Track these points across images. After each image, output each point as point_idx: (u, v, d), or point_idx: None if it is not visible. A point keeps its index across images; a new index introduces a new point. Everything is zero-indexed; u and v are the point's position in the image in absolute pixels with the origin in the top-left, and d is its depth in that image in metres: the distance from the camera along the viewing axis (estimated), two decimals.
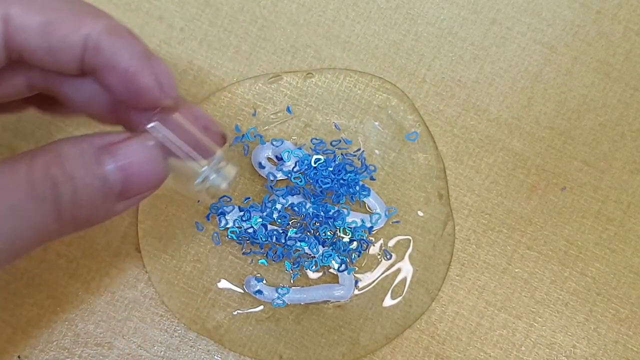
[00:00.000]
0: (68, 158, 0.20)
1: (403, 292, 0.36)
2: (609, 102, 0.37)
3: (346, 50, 0.38)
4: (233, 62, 0.37)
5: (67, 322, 0.36)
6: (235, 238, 0.36)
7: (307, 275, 0.36)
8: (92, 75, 0.22)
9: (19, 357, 0.36)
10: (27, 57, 0.21)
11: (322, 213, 0.35)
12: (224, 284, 0.36)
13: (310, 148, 0.36)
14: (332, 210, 0.36)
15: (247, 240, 0.36)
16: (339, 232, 0.36)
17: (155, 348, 0.36)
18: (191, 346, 0.36)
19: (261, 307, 0.36)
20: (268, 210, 0.36)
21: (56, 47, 0.20)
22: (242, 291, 0.36)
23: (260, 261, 0.36)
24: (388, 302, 0.36)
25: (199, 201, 0.36)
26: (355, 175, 0.36)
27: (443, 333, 0.36)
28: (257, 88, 0.37)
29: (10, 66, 0.21)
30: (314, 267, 0.36)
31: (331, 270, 0.36)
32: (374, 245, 0.36)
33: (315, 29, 0.38)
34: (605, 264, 0.37)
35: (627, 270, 0.36)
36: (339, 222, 0.36)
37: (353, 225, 0.36)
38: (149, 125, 0.21)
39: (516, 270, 0.36)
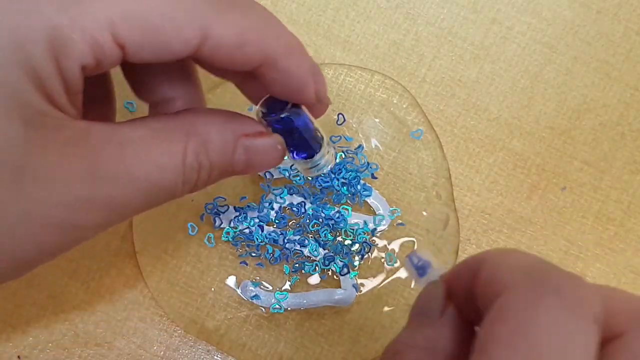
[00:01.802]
0: (213, 147, 0.23)
1: (407, 295, 0.36)
2: (609, 102, 0.37)
3: (346, 50, 0.37)
4: None
5: (67, 322, 0.36)
6: (230, 239, 0.35)
7: (307, 279, 0.36)
8: (255, 76, 0.24)
9: (18, 357, 0.36)
10: (203, 62, 0.23)
11: (322, 214, 0.35)
12: (224, 284, 0.36)
13: None
14: (333, 211, 0.35)
15: (243, 241, 0.36)
16: (341, 234, 0.36)
17: (155, 348, 0.36)
18: (191, 346, 0.36)
19: (261, 308, 0.36)
20: (265, 210, 0.35)
21: (237, 62, 0.22)
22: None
23: (257, 264, 0.36)
24: (391, 306, 0.36)
25: (192, 200, 0.36)
26: (356, 173, 0.35)
27: None
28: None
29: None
30: (314, 270, 0.35)
31: (330, 272, 0.36)
32: (377, 248, 0.36)
33: (315, 29, 0.38)
34: (605, 264, 0.36)
35: (627, 270, 0.36)
36: (341, 223, 0.35)
37: (355, 227, 0.35)
38: (282, 115, 0.24)
39: None
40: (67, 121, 0.20)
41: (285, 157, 0.35)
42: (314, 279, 0.36)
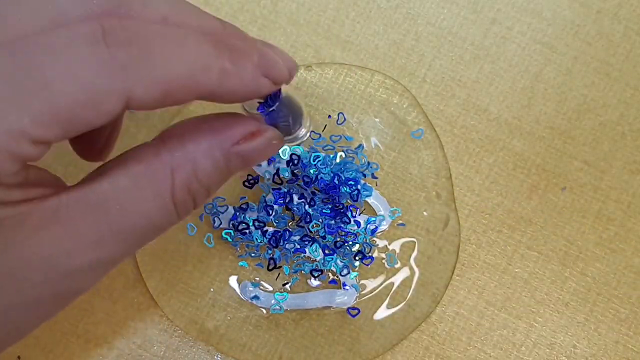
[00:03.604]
0: (204, 172, 0.22)
1: (407, 296, 0.36)
2: (609, 102, 0.37)
3: (346, 50, 0.37)
4: None
5: (67, 322, 0.36)
6: (229, 240, 0.35)
7: (307, 280, 0.36)
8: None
9: (19, 357, 0.35)
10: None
11: (322, 214, 0.35)
12: (224, 284, 0.36)
13: (310, 145, 0.36)
14: (333, 211, 0.35)
15: (243, 242, 0.35)
16: (341, 234, 0.35)
17: (155, 348, 0.36)
18: (191, 346, 0.36)
19: (261, 309, 0.36)
20: (264, 210, 0.35)
21: (167, 105, 0.21)
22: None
23: (256, 264, 0.36)
24: (391, 306, 0.36)
25: None
26: (356, 173, 0.35)
27: (443, 333, 0.36)
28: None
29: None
30: (314, 271, 0.35)
31: (330, 273, 0.36)
32: (377, 248, 0.36)
33: (315, 29, 0.38)
34: (605, 264, 0.36)
35: (627, 270, 0.36)
36: (341, 223, 0.35)
37: (355, 227, 0.35)
38: (264, 111, 0.24)
39: (516, 270, 0.36)
40: (30, 208, 0.20)
41: (284, 158, 0.35)
42: (314, 280, 0.36)
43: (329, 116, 0.37)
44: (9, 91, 0.18)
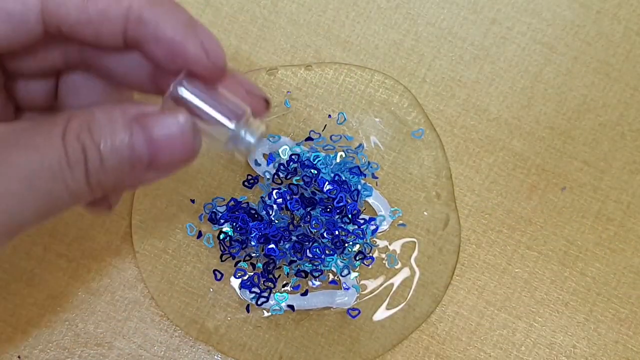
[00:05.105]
0: (97, 125, 0.20)
1: (407, 296, 0.36)
2: (609, 102, 0.37)
3: (346, 50, 0.37)
4: (233, 62, 0.37)
5: (67, 322, 0.36)
6: (229, 240, 0.35)
7: (307, 280, 0.36)
8: (135, 48, 0.22)
9: (19, 357, 0.35)
10: (65, 31, 0.21)
11: (322, 213, 0.35)
12: (224, 284, 0.36)
13: (310, 146, 0.36)
14: (333, 211, 0.35)
15: (243, 242, 0.35)
16: (341, 234, 0.35)
17: (155, 348, 0.36)
18: (191, 346, 0.36)
19: (262, 310, 0.36)
20: (264, 210, 0.35)
21: (96, 21, 0.20)
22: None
23: (256, 264, 0.36)
24: (391, 307, 0.36)
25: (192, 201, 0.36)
26: (356, 172, 0.35)
27: (443, 333, 0.36)
28: (253, 82, 0.37)
29: (46, 40, 0.22)
30: (315, 271, 0.35)
31: (330, 272, 0.36)
32: (377, 249, 0.36)
33: (315, 29, 0.38)
34: (605, 264, 0.37)
35: (627, 270, 0.37)
36: (341, 223, 0.35)
37: (355, 227, 0.35)
38: (171, 88, 0.21)
39: (516, 270, 0.36)
40: None
41: (284, 157, 0.35)
42: (314, 280, 0.36)
43: (329, 116, 0.37)
44: None
